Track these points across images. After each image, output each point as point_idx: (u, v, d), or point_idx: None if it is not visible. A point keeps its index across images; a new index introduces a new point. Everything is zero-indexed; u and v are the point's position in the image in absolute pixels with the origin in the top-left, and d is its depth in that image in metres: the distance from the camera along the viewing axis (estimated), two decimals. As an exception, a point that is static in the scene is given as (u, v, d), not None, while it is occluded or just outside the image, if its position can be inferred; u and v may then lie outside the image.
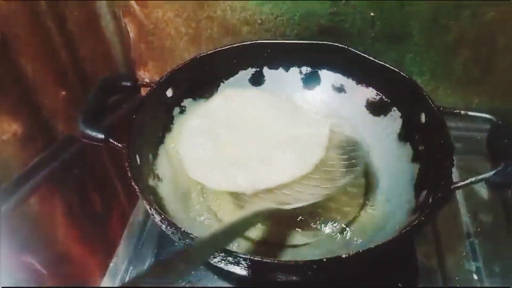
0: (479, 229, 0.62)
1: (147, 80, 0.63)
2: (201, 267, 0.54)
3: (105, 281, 0.56)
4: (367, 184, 0.61)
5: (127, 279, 0.57)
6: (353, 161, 0.56)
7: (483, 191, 0.66)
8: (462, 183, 0.48)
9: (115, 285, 0.56)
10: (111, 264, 0.58)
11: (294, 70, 0.71)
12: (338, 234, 0.55)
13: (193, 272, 0.55)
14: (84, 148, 0.85)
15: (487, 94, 0.76)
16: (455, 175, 0.67)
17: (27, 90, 0.74)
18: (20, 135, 0.73)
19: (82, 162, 0.85)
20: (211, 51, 0.66)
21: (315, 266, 0.41)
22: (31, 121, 0.75)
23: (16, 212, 0.73)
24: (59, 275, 0.80)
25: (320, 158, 0.54)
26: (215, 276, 0.55)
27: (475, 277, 0.57)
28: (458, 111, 0.56)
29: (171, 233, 0.46)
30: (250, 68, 0.70)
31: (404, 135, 0.62)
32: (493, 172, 0.48)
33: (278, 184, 0.51)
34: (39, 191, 0.78)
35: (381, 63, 0.63)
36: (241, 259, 0.41)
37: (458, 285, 0.56)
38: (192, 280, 0.55)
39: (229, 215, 0.57)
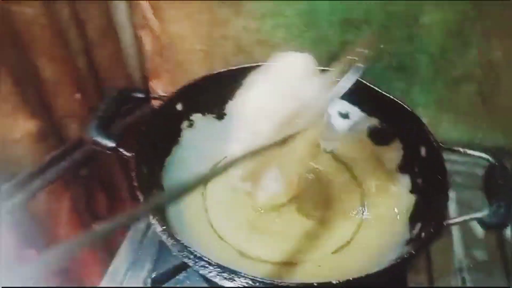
0: (471, 265, 0.63)
1: (160, 93, 0.65)
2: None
3: (104, 283, 0.58)
4: (363, 211, 0.62)
5: (125, 282, 0.58)
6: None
7: (479, 228, 0.67)
8: (455, 220, 0.50)
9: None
10: (110, 267, 0.60)
11: (302, 95, 0.73)
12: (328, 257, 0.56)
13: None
14: (94, 151, 0.87)
15: (490, 130, 0.77)
16: (453, 209, 0.69)
17: (44, 91, 0.77)
18: (34, 133, 0.76)
19: (91, 164, 0.88)
20: (222, 70, 0.68)
21: (304, 289, 0.43)
22: (45, 121, 0.78)
23: (25, 208, 0.75)
24: (61, 272, 0.82)
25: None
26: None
27: (465, 312, 0.58)
28: (457, 149, 0.58)
29: (171, 244, 0.47)
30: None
31: (404, 167, 0.63)
32: (486, 213, 0.49)
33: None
34: (48, 189, 0.80)
35: (386, 94, 0.64)
36: (230, 273, 0.42)
37: (445, 319, 0.57)
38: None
39: (231, 232, 0.59)
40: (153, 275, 0.55)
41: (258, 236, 0.58)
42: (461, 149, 0.57)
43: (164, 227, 0.46)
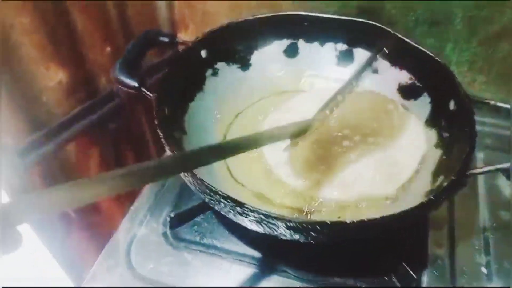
0: (495, 225, 0.61)
1: (185, 39, 0.65)
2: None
3: (123, 223, 0.60)
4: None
5: (144, 223, 0.60)
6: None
7: (507, 188, 0.65)
8: (479, 170, 0.48)
9: (133, 228, 0.59)
10: (132, 208, 0.61)
11: (329, 46, 0.71)
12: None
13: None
14: (123, 104, 0.89)
15: (525, 93, 0.74)
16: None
17: (76, 43, 0.78)
18: (65, 84, 0.77)
19: (120, 118, 0.89)
20: (248, 18, 0.67)
21: (318, 227, 0.43)
22: (76, 72, 0.79)
23: (54, 157, 0.77)
24: (87, 220, 0.85)
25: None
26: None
27: (484, 270, 0.56)
28: (487, 101, 0.55)
29: (188, 181, 0.48)
30: (285, 39, 0.71)
31: (432, 121, 0.61)
32: (510, 163, 0.47)
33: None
34: (77, 140, 0.82)
35: (417, 46, 0.62)
36: (246, 210, 0.43)
37: (465, 276, 0.55)
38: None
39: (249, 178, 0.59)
40: (171, 215, 0.56)
41: (278, 183, 0.58)
42: (491, 102, 0.55)
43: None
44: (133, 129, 0.97)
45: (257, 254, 0.56)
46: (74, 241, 0.84)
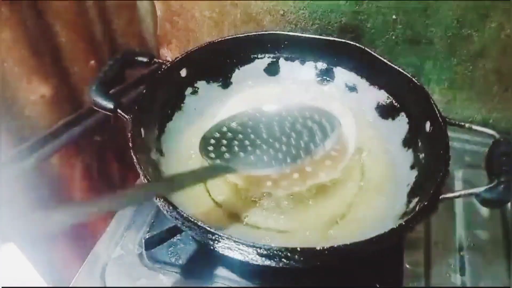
0: (472, 244, 0.61)
1: (168, 58, 0.65)
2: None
3: (99, 244, 0.59)
4: (363, 186, 0.61)
5: (120, 243, 0.60)
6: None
7: (483, 208, 0.65)
8: (451, 194, 0.49)
9: (109, 249, 0.59)
10: (107, 229, 0.61)
11: (309, 65, 0.71)
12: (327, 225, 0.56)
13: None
14: (108, 117, 0.88)
15: (506, 111, 0.74)
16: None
17: (59, 56, 0.78)
18: (48, 97, 0.77)
19: (105, 130, 0.89)
20: (229, 37, 0.67)
21: (289, 254, 0.43)
22: (60, 86, 0.79)
23: (37, 170, 0.77)
24: (70, 235, 0.85)
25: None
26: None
27: (459, 290, 0.57)
28: (462, 123, 0.56)
29: (161, 205, 0.48)
30: (266, 57, 0.71)
31: (408, 141, 0.62)
32: (484, 188, 0.47)
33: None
34: (61, 152, 0.82)
35: (395, 66, 0.62)
36: (217, 236, 0.43)
37: (439, 296, 0.56)
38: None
39: (225, 197, 0.59)
40: (146, 237, 0.56)
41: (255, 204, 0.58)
42: (467, 124, 0.55)
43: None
44: (118, 141, 0.97)
45: (233, 276, 0.56)
46: (58, 254, 0.83)
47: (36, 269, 0.73)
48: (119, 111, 0.55)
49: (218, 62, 0.69)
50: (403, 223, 0.45)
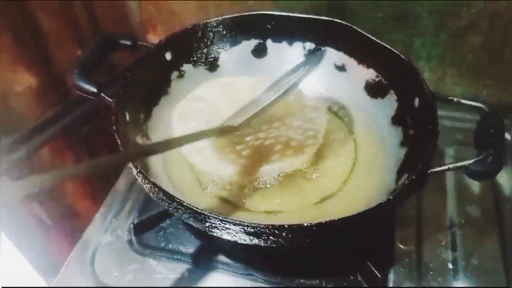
0: (463, 221, 0.61)
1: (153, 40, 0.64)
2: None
3: (88, 231, 0.59)
4: (354, 163, 0.61)
5: (110, 229, 0.59)
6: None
7: (475, 184, 0.65)
8: (440, 168, 0.48)
9: (98, 236, 0.59)
10: (96, 215, 0.61)
11: (297, 45, 0.70)
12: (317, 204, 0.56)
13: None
14: (96, 106, 0.87)
15: (496, 86, 0.74)
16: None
17: (44, 45, 0.77)
18: (34, 88, 0.76)
19: (93, 119, 0.88)
20: (215, 19, 0.66)
21: (276, 231, 0.42)
22: (46, 75, 0.78)
23: (27, 162, 0.76)
24: (63, 226, 0.84)
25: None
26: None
27: (450, 266, 0.56)
28: (451, 98, 0.55)
29: (146, 187, 0.47)
30: (253, 39, 0.70)
31: (398, 119, 0.61)
32: (472, 161, 0.47)
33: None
34: (50, 143, 0.81)
35: (383, 44, 0.62)
36: (204, 216, 0.42)
37: (431, 272, 0.56)
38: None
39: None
40: (135, 221, 0.55)
41: (243, 186, 0.58)
42: (455, 98, 0.55)
43: (139, 169, 0.46)
44: (109, 131, 0.96)
45: (223, 258, 0.56)
46: (47, 241, 0.83)
47: (26, 257, 0.73)
48: (102, 95, 0.54)
49: (204, 44, 0.68)
50: (391, 198, 0.44)
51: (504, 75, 0.72)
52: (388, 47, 0.61)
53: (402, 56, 0.60)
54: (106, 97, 0.54)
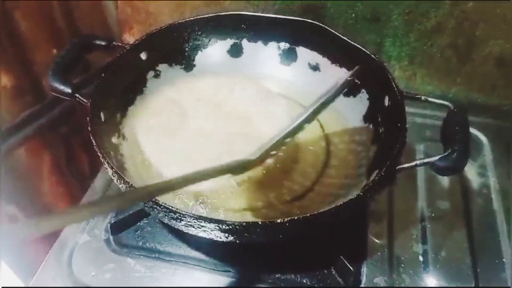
0: (433, 215, 0.63)
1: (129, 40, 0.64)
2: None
3: (65, 231, 0.59)
4: (325, 162, 0.62)
5: (87, 229, 0.59)
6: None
7: (444, 179, 0.68)
8: (407, 164, 0.50)
9: (75, 236, 0.59)
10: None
11: (272, 45, 0.72)
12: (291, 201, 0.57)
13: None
14: (73, 107, 0.87)
15: (464, 84, 0.76)
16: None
17: (20, 45, 0.76)
18: (10, 88, 0.75)
19: (70, 119, 0.88)
20: (190, 18, 0.67)
21: (250, 228, 0.44)
22: (22, 76, 0.77)
23: (3, 162, 0.75)
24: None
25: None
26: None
27: (421, 259, 0.59)
28: (419, 96, 0.57)
29: (122, 187, 0.48)
30: (229, 39, 0.71)
31: (369, 117, 0.63)
32: (438, 157, 0.49)
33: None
34: (27, 144, 0.80)
35: (355, 44, 0.63)
36: (179, 215, 0.43)
37: (402, 265, 0.58)
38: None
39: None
40: (112, 221, 0.56)
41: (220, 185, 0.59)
42: (423, 97, 0.57)
43: (114, 169, 0.46)
44: (86, 131, 0.95)
45: (200, 256, 0.56)
46: (28, 248, 0.82)
47: (2, 258, 0.72)
48: (77, 95, 0.54)
49: (179, 44, 0.69)
50: (361, 193, 0.46)
51: (471, 74, 0.75)
52: (360, 47, 0.63)
53: (373, 55, 0.61)
54: (81, 98, 0.54)
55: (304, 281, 0.55)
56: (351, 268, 0.53)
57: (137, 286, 0.54)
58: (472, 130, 0.69)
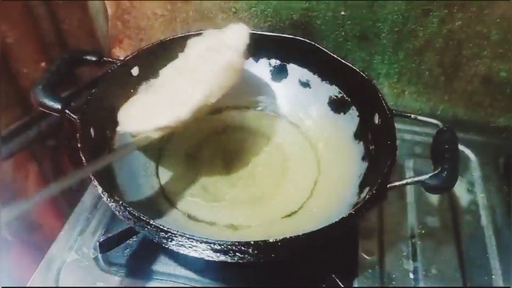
0: (423, 231, 0.64)
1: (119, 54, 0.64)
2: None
3: (52, 249, 0.58)
4: (317, 177, 0.62)
5: (75, 247, 0.58)
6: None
7: (434, 196, 0.68)
8: (398, 183, 0.50)
9: (62, 254, 0.58)
10: (61, 233, 0.60)
11: (263, 62, 0.72)
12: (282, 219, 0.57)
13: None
14: (61, 120, 0.86)
15: (452, 101, 0.78)
16: (409, 176, 0.69)
17: (7, 58, 0.75)
18: (-2, 102, 0.74)
19: (58, 133, 0.87)
20: (181, 34, 0.67)
21: (242, 248, 0.43)
22: (10, 89, 0.77)
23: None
24: (26, 242, 0.82)
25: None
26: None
27: (411, 276, 0.59)
28: (408, 114, 0.58)
29: (112, 205, 0.47)
30: (220, 55, 0.71)
31: (359, 134, 0.64)
32: (428, 176, 0.49)
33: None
34: (14, 158, 0.79)
35: (344, 62, 0.64)
36: (170, 234, 0.42)
37: (393, 282, 0.58)
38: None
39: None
40: (100, 240, 0.55)
41: (209, 201, 0.59)
42: (412, 115, 0.58)
43: (103, 188, 0.46)
44: (73, 145, 0.94)
45: (190, 274, 0.56)
46: (11, 259, 0.80)
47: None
48: (67, 111, 0.53)
49: (170, 60, 0.68)
50: (353, 212, 0.46)
51: (459, 92, 0.76)
52: (349, 64, 0.64)
53: (362, 73, 0.62)
54: (71, 114, 0.53)
55: (295, 299, 0.54)
56: (342, 286, 0.53)
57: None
58: (460, 147, 0.69)
